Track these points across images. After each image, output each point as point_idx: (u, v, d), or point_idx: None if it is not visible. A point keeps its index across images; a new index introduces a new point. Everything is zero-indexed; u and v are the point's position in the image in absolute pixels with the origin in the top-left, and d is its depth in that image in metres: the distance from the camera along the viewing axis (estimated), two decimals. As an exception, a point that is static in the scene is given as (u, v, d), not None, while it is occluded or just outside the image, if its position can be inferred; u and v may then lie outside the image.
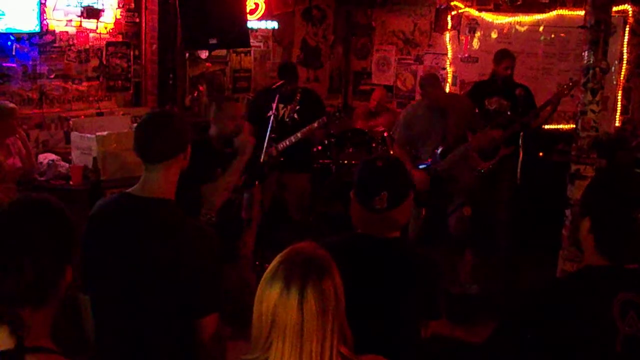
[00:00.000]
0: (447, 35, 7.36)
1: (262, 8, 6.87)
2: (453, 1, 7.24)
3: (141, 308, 2.11)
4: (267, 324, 1.48)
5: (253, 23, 6.71)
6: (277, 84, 5.31)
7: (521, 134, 5.39)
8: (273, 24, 7.16)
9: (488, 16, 7.12)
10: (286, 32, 7.52)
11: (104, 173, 4.88)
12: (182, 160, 2.23)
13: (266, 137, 4.76)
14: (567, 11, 6.74)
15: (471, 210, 5.11)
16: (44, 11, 5.22)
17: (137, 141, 2.21)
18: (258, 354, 1.50)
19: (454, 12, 7.26)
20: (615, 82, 6.56)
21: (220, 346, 2.12)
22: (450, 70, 7.38)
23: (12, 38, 5.07)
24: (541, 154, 6.24)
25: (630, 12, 6.48)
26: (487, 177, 5.34)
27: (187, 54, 6.31)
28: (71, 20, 5.49)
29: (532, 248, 5.48)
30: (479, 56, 7.18)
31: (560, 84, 5.68)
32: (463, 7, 7.22)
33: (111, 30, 5.83)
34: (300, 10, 7.66)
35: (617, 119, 6.63)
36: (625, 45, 6.54)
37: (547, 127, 6.32)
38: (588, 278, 1.76)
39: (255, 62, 7.21)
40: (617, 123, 6.63)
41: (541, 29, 6.90)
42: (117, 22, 5.88)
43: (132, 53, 6.05)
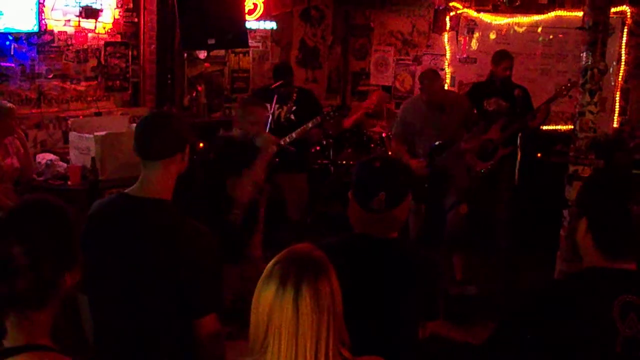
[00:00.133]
0: (446, 36, 7.36)
1: (261, 8, 6.87)
2: (451, 2, 7.24)
3: (140, 308, 2.11)
4: (264, 324, 1.48)
5: (251, 23, 6.71)
6: (276, 85, 5.31)
7: (519, 135, 5.40)
8: (271, 25, 7.16)
9: (486, 17, 7.12)
10: (285, 33, 7.52)
11: (102, 173, 4.87)
12: (181, 161, 2.22)
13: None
14: (566, 12, 6.75)
15: (468, 208, 5.12)
16: (43, 11, 5.21)
17: (137, 139, 2.22)
18: (256, 357, 1.50)
19: (453, 13, 7.27)
20: (613, 83, 6.57)
21: (220, 346, 2.11)
22: (448, 71, 7.38)
23: (11, 38, 5.07)
24: (539, 155, 6.25)
25: (628, 13, 6.49)
26: (486, 178, 5.35)
27: (186, 54, 6.30)
28: (69, 20, 5.48)
29: (532, 248, 5.48)
30: (478, 57, 7.19)
31: (558, 85, 5.69)
32: (461, 8, 7.23)
33: (110, 30, 5.83)
34: (298, 10, 7.66)
35: (615, 120, 6.64)
36: (623, 46, 6.55)
37: (546, 128, 6.33)
38: (589, 279, 1.76)
39: (253, 63, 7.20)
40: (615, 124, 6.63)
41: (539, 30, 6.91)
42: (116, 22, 5.87)
43: (131, 53, 6.05)
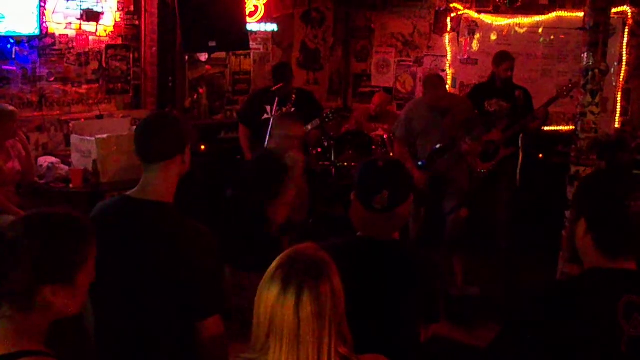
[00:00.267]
0: (447, 37, 7.36)
1: (262, 10, 6.87)
2: (452, 3, 7.25)
3: (141, 309, 2.12)
4: (265, 326, 1.48)
5: (252, 25, 6.72)
6: (277, 87, 5.30)
7: (521, 136, 5.40)
8: (272, 27, 7.16)
9: (487, 18, 7.12)
10: (285, 35, 7.52)
11: (104, 176, 4.87)
12: (181, 163, 2.22)
13: (266, 139, 4.76)
14: (566, 13, 6.74)
15: (468, 212, 5.13)
16: (44, 14, 5.22)
17: (137, 141, 2.22)
18: (257, 355, 1.50)
19: (453, 14, 7.27)
20: (614, 84, 6.56)
21: (223, 348, 2.11)
22: (449, 72, 7.38)
23: (12, 41, 5.07)
24: (541, 156, 6.25)
25: (629, 14, 6.48)
26: (487, 178, 5.35)
27: (187, 57, 6.30)
28: (71, 23, 5.49)
29: (532, 249, 5.47)
30: (479, 58, 7.19)
31: (559, 86, 5.68)
32: (462, 9, 7.23)
33: (111, 33, 5.84)
34: (299, 12, 7.66)
35: (617, 121, 6.63)
36: (624, 46, 6.54)
37: (547, 129, 6.33)
38: (593, 280, 1.75)
39: (254, 65, 7.21)
40: (617, 124, 6.62)
41: (540, 31, 6.91)
42: (117, 25, 5.88)
43: (132, 56, 6.06)
